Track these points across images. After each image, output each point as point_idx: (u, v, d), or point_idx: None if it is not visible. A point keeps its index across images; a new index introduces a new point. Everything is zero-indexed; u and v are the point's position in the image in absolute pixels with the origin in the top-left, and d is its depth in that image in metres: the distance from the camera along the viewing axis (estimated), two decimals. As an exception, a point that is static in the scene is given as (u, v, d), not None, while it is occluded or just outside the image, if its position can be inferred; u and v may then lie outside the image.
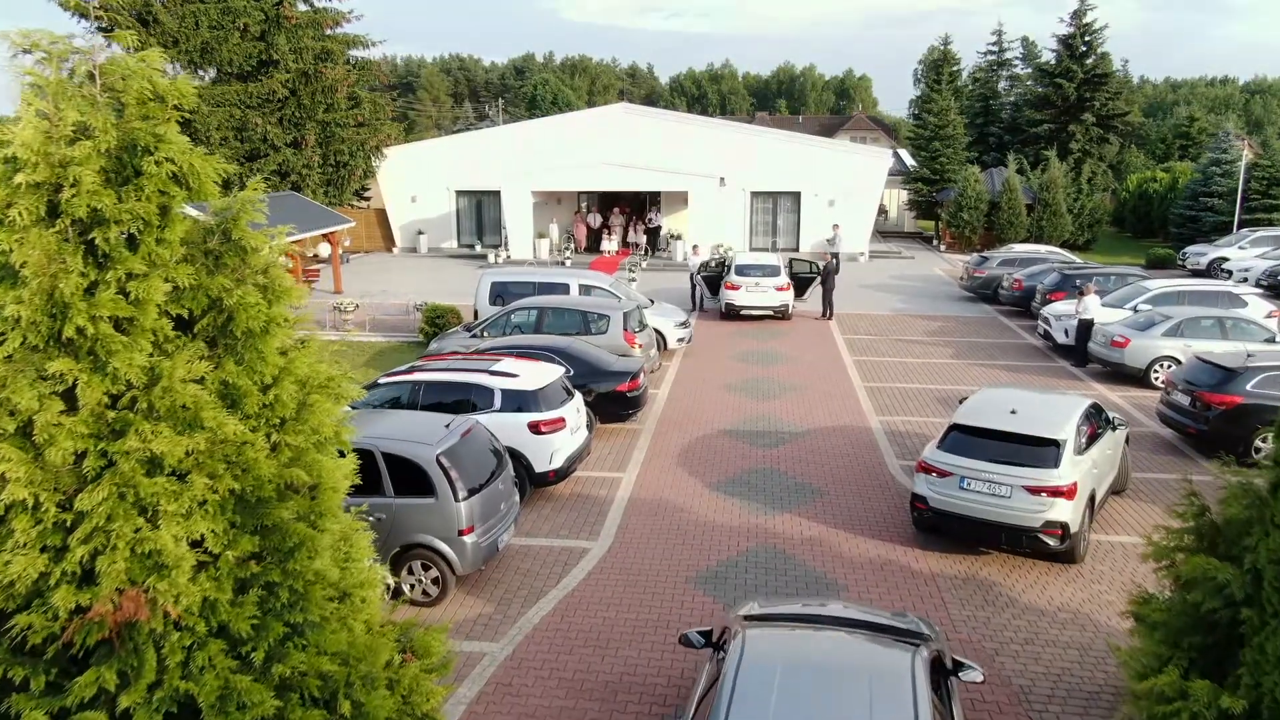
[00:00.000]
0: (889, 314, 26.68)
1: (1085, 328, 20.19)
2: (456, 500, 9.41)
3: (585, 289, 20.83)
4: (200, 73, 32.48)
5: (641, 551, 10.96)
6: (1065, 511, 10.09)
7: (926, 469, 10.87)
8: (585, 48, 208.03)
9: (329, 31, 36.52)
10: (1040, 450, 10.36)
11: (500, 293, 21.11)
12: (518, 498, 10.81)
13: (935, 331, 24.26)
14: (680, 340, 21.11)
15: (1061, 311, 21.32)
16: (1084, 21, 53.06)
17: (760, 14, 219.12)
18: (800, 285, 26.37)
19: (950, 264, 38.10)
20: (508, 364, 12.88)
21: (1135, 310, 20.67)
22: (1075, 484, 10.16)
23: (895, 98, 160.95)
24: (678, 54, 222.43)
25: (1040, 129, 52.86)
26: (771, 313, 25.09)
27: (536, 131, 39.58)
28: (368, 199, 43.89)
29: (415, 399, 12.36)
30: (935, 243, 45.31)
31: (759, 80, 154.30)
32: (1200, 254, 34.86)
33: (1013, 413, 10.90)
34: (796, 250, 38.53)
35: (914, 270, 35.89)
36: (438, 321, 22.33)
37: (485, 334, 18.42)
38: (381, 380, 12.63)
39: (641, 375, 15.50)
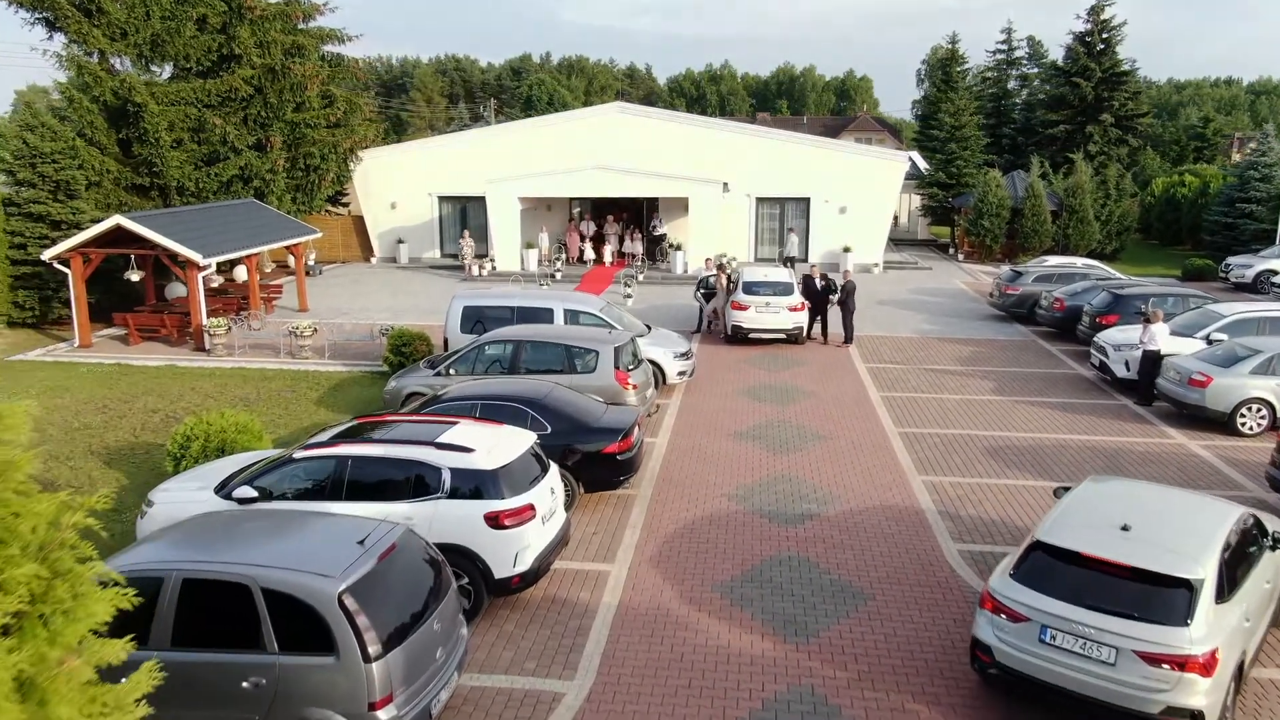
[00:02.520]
0: (914, 336, 23.85)
1: (1151, 360, 17.40)
2: (367, 660, 6.58)
3: (572, 315, 18.00)
4: (154, 68, 29.61)
5: (633, 701, 8.12)
6: (1198, 693, 6.88)
7: (995, 606, 7.74)
8: (583, 48, 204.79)
9: (301, 25, 33.72)
10: (1164, 595, 7.14)
11: (473, 318, 18.27)
12: (464, 631, 7.98)
13: (969, 359, 21.44)
14: (681, 374, 18.28)
15: (1121, 341, 18.48)
16: (1102, 18, 50.38)
17: (758, 15, 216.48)
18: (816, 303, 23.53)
19: (972, 276, 35.30)
20: (462, 431, 10.03)
21: (1209, 341, 17.88)
22: (1215, 652, 6.93)
23: (893, 99, 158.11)
24: (676, 55, 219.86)
25: (1056, 130, 50.18)
26: (784, 336, 22.27)
27: (525, 133, 36.71)
28: (346, 205, 41.10)
29: (341, 479, 9.52)
30: (952, 251, 42.50)
31: (758, 81, 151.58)
32: (1245, 266, 32.08)
33: (1124, 529, 7.74)
34: (805, 261, 35.72)
35: (934, 283, 33.07)
36: (404, 350, 19.49)
37: (452, 371, 15.61)
38: (298, 454, 9.78)
39: (636, 430, 12.68)
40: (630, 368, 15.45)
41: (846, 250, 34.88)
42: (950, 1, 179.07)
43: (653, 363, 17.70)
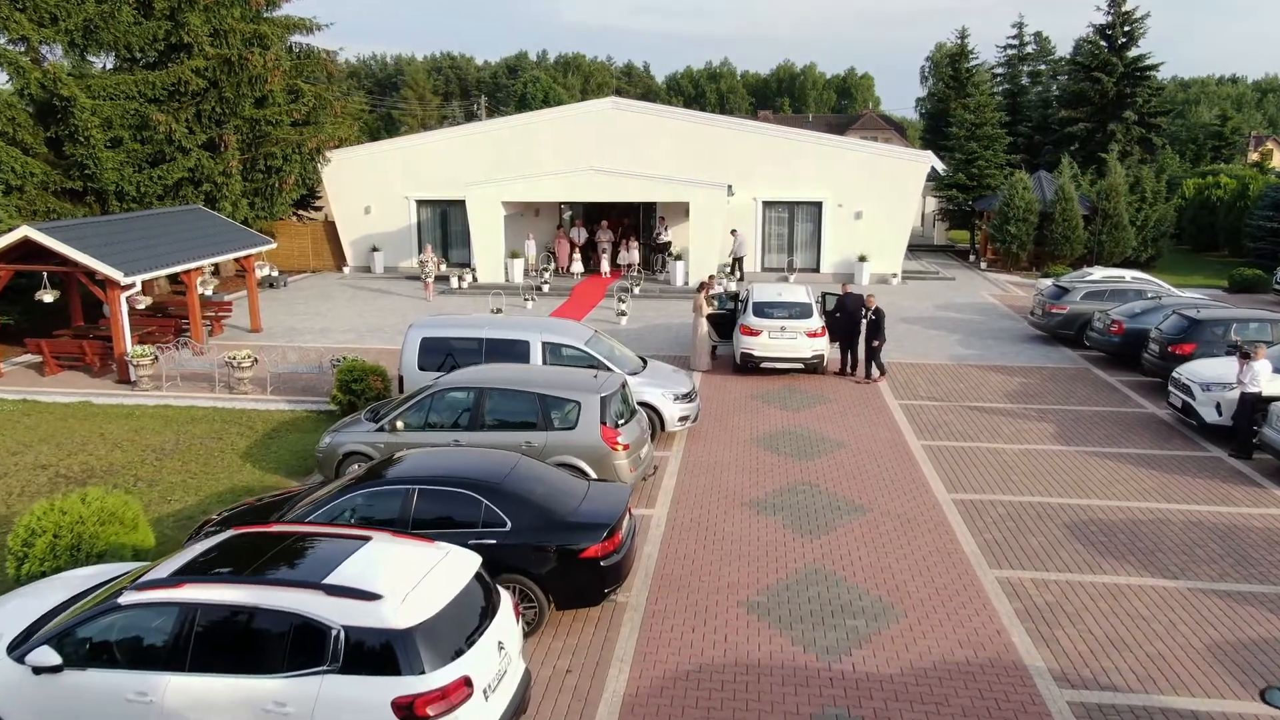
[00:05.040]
0: (949, 364, 20.79)
1: (1250, 404, 14.39)
2: None
3: (552, 349, 14.93)
4: (90, 58, 26.48)
5: None
6: None
7: None
8: (580, 47, 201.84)
9: (266, 14, 30.60)
10: None
11: (435, 352, 15.21)
12: None
13: (1018, 394, 18.39)
14: (683, 420, 15.19)
15: (1211, 378, 15.39)
16: (1123, 10, 47.42)
17: (756, 13, 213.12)
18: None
19: (999, 287, 32.26)
20: (370, 557, 6.95)
21: (1320, 380, 14.83)
22: None
23: (893, 98, 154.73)
24: (674, 53, 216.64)
25: (1076, 129, 47.21)
26: (802, 366, 19.21)
27: (511, 131, 33.51)
28: (319, 210, 38.01)
29: (183, 639, 6.45)
30: (973, 259, 39.45)
31: (758, 79, 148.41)
32: (1305, 277, 29.10)
33: None
34: (816, 270, 32.71)
35: (960, 297, 30.01)
36: (354, 387, 16.46)
37: (399, 425, 12.56)
38: (127, 598, 6.69)
39: (626, 519, 9.63)
40: (621, 421, 12.40)
41: (862, 259, 31.84)
42: (949, 1, 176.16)
43: (648, 406, 14.68)
